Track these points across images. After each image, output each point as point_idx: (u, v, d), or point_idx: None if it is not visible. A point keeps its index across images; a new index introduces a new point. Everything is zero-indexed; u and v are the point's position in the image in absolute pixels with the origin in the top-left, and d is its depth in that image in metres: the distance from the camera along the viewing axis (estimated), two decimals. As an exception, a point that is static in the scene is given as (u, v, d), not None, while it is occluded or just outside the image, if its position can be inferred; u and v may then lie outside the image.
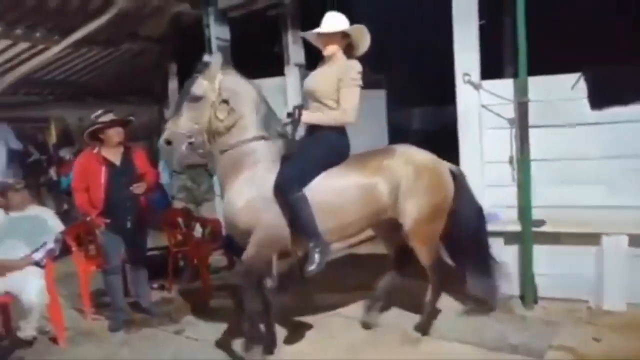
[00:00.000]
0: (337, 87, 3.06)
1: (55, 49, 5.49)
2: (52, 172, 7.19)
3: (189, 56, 5.73)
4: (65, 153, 7.37)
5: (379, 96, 6.35)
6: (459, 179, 3.41)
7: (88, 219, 3.86)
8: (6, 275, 3.46)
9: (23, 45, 5.47)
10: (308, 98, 3.22)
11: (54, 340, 3.63)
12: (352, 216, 3.10)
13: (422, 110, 6.65)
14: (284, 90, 5.21)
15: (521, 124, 3.73)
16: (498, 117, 3.90)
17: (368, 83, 5.98)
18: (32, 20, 5.04)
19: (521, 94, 3.70)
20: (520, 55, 3.64)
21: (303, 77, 5.09)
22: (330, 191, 3.03)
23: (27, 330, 3.45)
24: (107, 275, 3.89)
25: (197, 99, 2.93)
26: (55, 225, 3.83)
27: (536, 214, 3.74)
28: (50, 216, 3.87)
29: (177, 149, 2.95)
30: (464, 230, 3.41)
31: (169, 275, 4.63)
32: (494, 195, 3.95)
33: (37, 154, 7.06)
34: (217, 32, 5.69)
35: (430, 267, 3.36)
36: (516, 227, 3.79)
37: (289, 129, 3.08)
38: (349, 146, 3.22)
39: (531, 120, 3.70)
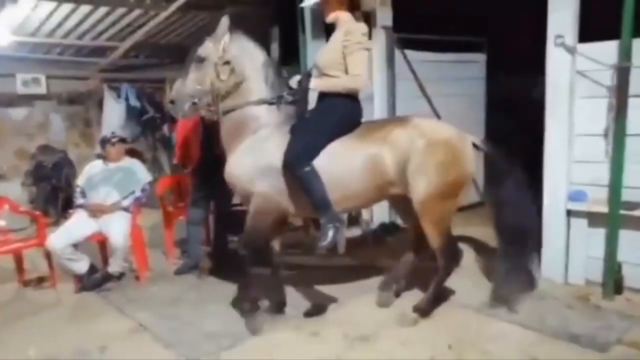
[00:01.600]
0: (342, 55, 2.90)
1: (164, 14, 5.91)
2: (165, 129, 7.87)
3: (291, 20, 5.87)
4: (174, 112, 7.95)
5: (477, 60, 5.92)
6: (489, 154, 3.19)
7: (185, 172, 4.34)
8: (100, 217, 3.93)
9: (137, 12, 5.99)
10: (316, 70, 3.09)
11: (137, 278, 4.07)
12: (355, 187, 2.98)
13: (526, 77, 6.08)
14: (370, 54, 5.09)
15: (620, 93, 3.27)
16: (593, 84, 3.45)
17: (465, 45, 5.69)
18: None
19: (623, 57, 3.23)
20: (625, 13, 3.15)
21: (390, 40, 5.01)
22: (334, 159, 2.92)
23: (114, 266, 3.91)
24: (188, 225, 4.25)
25: (202, 60, 2.99)
26: (144, 176, 4.23)
27: (628, 196, 3.30)
28: (140, 168, 4.27)
29: (180, 108, 3.08)
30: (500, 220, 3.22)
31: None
32: (582, 172, 3.56)
33: (152, 112, 7.76)
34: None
35: (439, 250, 3.10)
36: (603, 209, 3.38)
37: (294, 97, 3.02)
38: (360, 114, 3.10)
39: (632, 88, 3.23)
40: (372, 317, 3.29)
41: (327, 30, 5.68)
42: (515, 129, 5.77)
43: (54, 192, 6.34)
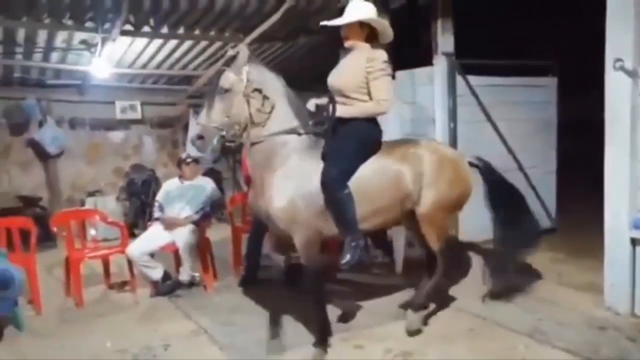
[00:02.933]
0: (365, 80, 3.04)
1: (241, 45, 6.42)
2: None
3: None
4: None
5: (546, 84, 5.79)
6: (482, 167, 3.60)
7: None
8: (173, 230, 4.35)
9: (217, 44, 6.57)
10: (335, 94, 3.16)
11: (204, 287, 4.43)
12: (381, 202, 3.14)
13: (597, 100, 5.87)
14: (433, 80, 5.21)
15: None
16: (656, 108, 3.34)
17: (534, 70, 5.61)
18: (222, 23, 6.00)
19: (687, 80, 3.12)
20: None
21: (451, 66, 5.09)
22: (362, 178, 3.06)
23: (184, 275, 4.30)
24: (248, 239, 4.55)
25: (226, 91, 2.94)
26: (214, 194, 4.62)
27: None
28: (211, 187, 4.67)
29: (209, 142, 2.94)
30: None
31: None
32: (647, 200, 3.43)
33: (232, 136, 8.30)
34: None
35: (439, 251, 3.41)
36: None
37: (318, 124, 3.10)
38: (381, 136, 3.24)
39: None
40: (418, 334, 3.36)
41: (395, 55, 5.97)
42: (589, 153, 5.57)
43: (142, 206, 6.99)
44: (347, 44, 3.18)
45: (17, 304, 3.72)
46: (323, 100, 3.18)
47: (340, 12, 6.33)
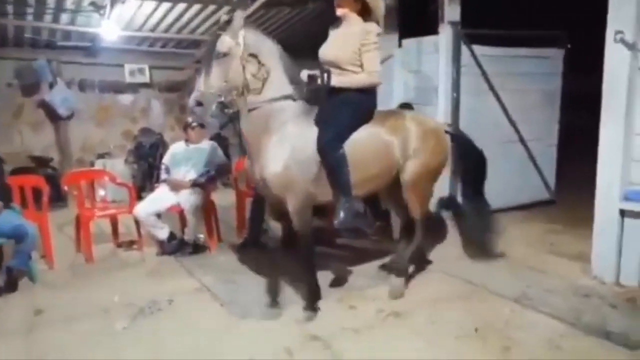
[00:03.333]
0: (359, 52, 3.10)
1: (248, 11, 6.41)
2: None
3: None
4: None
5: (554, 56, 5.76)
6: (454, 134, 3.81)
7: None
8: (179, 192, 4.50)
9: (225, 8, 6.56)
10: (328, 66, 3.20)
11: (209, 248, 4.61)
12: (373, 170, 3.29)
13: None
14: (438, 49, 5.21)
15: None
16: (654, 82, 3.38)
17: (543, 41, 5.58)
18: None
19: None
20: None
21: (456, 35, 5.09)
22: (356, 146, 3.18)
23: (189, 235, 4.47)
24: (252, 204, 4.70)
25: (223, 55, 2.91)
26: (219, 158, 4.75)
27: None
28: (217, 151, 4.79)
29: (207, 109, 2.95)
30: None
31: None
32: (642, 172, 3.51)
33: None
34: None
35: (420, 220, 3.59)
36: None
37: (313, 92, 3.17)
38: (374, 104, 3.33)
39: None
40: (408, 297, 3.52)
41: (402, 24, 5.95)
42: (593, 127, 5.60)
43: (150, 169, 7.16)
44: (339, 11, 3.18)
45: (31, 258, 3.92)
46: (315, 71, 3.22)
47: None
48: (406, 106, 5.08)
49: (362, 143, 3.23)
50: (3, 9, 5.88)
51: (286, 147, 3.06)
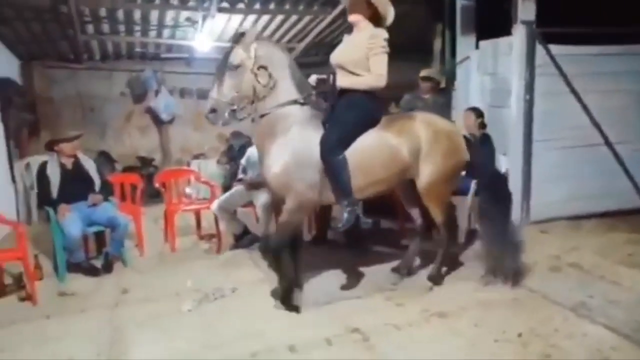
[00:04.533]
0: (366, 56, 3.16)
1: (329, 19, 6.70)
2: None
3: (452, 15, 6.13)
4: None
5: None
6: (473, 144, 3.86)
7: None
8: (253, 191, 4.87)
9: (307, 18, 6.91)
10: (338, 69, 3.29)
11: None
12: (380, 174, 3.34)
13: None
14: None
15: None
16: None
17: (630, 36, 5.19)
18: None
19: None
20: None
21: (531, 35, 4.93)
22: (362, 151, 3.25)
23: (259, 231, 4.83)
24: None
25: (236, 67, 3.11)
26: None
27: None
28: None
29: (221, 116, 3.14)
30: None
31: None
32: None
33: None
34: (463, -8, 5.88)
35: (443, 224, 3.67)
36: None
37: (321, 95, 3.29)
38: (380, 110, 3.37)
39: None
40: (458, 298, 3.54)
41: (480, 25, 5.87)
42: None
43: (238, 169, 7.68)
44: (351, 17, 3.31)
45: (123, 246, 4.50)
46: (323, 75, 3.38)
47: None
48: (474, 110, 5.04)
49: (368, 147, 3.32)
50: (116, 28, 6.72)
51: (288, 150, 3.20)
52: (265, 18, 6.77)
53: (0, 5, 5.55)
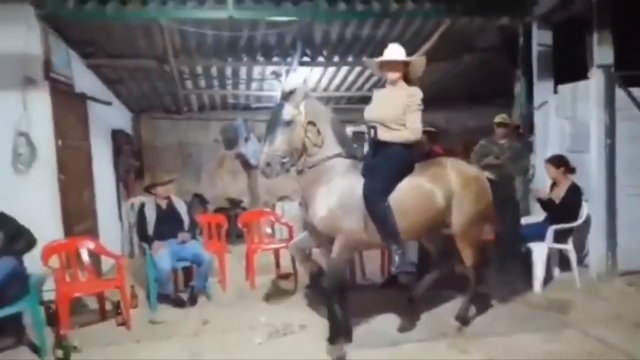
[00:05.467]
0: (404, 112, 3.40)
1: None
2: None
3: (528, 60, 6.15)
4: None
5: None
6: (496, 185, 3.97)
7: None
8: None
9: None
10: (376, 122, 3.51)
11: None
12: (419, 218, 3.48)
13: None
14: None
15: None
16: None
17: None
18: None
19: None
20: None
21: (609, 79, 4.82)
22: (402, 196, 3.41)
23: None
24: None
25: (288, 123, 3.34)
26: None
27: None
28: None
29: (274, 168, 3.35)
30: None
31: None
32: None
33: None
34: (540, 39, 5.89)
35: (472, 266, 3.86)
36: None
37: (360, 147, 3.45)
38: (413, 158, 3.57)
39: None
40: (522, 349, 3.50)
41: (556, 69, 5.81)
42: None
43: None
44: (392, 76, 3.59)
45: (207, 280, 4.91)
46: (359, 128, 3.59)
47: (499, 32, 6.37)
48: (551, 161, 4.94)
49: (406, 193, 3.49)
50: (210, 83, 7.48)
51: (333, 196, 3.43)
52: (345, 69, 7.17)
53: (118, 68, 6.46)
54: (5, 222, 3.82)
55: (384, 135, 3.52)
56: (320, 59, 6.73)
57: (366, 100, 8.34)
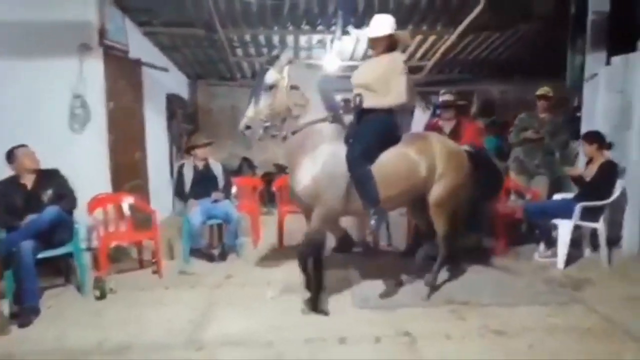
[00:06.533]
0: (387, 77, 3.39)
1: (453, 37, 6.80)
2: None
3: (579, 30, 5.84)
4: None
5: None
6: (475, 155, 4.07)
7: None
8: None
9: (432, 38, 7.09)
10: (360, 89, 3.52)
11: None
12: (400, 187, 3.54)
13: None
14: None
15: None
16: None
17: None
18: (430, 19, 6.52)
19: None
20: None
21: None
22: (387, 166, 3.45)
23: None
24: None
25: (270, 87, 3.38)
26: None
27: None
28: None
29: (255, 132, 3.38)
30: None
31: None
32: None
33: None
34: (594, 6, 5.57)
35: (444, 237, 3.91)
36: None
37: (348, 113, 3.56)
38: (398, 127, 3.57)
39: None
40: (522, 320, 3.51)
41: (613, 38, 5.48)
42: None
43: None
44: (375, 52, 3.65)
45: (237, 238, 5.24)
46: (348, 96, 3.62)
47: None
48: (585, 138, 4.75)
49: (392, 162, 3.54)
50: (260, 51, 7.70)
51: (317, 164, 3.45)
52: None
53: (172, 36, 6.83)
54: (58, 179, 4.25)
55: (368, 101, 3.54)
56: (365, 28, 6.72)
57: (415, 70, 8.42)
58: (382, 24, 3.61)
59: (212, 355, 3.12)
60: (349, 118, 3.75)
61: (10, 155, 4.10)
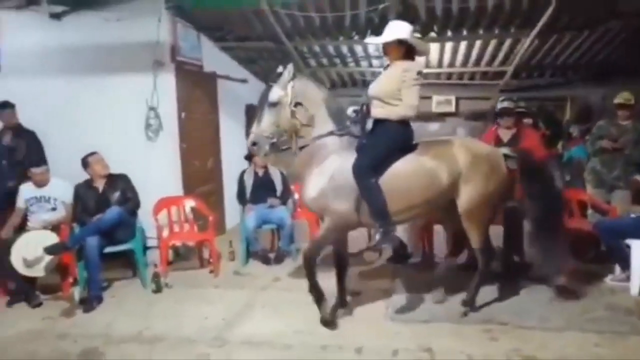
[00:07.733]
0: (398, 87, 3.22)
1: (530, 38, 6.39)
2: (560, 146, 8.03)
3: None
4: (574, 129, 7.95)
5: None
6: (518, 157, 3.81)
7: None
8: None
9: (508, 41, 6.73)
10: (374, 100, 3.38)
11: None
12: (417, 198, 3.32)
13: None
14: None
15: None
16: None
17: None
18: (501, 22, 6.20)
19: None
20: None
21: None
22: (399, 176, 3.27)
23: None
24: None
25: (274, 104, 3.41)
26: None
27: None
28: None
29: (261, 148, 3.48)
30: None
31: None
32: None
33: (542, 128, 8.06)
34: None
35: (480, 249, 3.69)
36: None
37: (356, 124, 3.44)
38: (411, 136, 3.37)
39: None
40: (561, 348, 3.23)
41: None
42: None
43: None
44: (388, 60, 3.54)
45: (292, 243, 5.39)
46: (358, 106, 3.49)
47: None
48: None
49: (404, 172, 3.35)
50: (333, 62, 7.86)
51: (325, 176, 3.44)
52: (464, 44, 6.88)
53: (247, 49, 7.23)
54: (126, 183, 4.73)
55: (377, 111, 3.44)
56: (432, 34, 6.57)
57: (500, 74, 8.01)
58: (393, 30, 3.43)
59: (230, 354, 3.29)
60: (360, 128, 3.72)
61: (85, 162, 4.63)
